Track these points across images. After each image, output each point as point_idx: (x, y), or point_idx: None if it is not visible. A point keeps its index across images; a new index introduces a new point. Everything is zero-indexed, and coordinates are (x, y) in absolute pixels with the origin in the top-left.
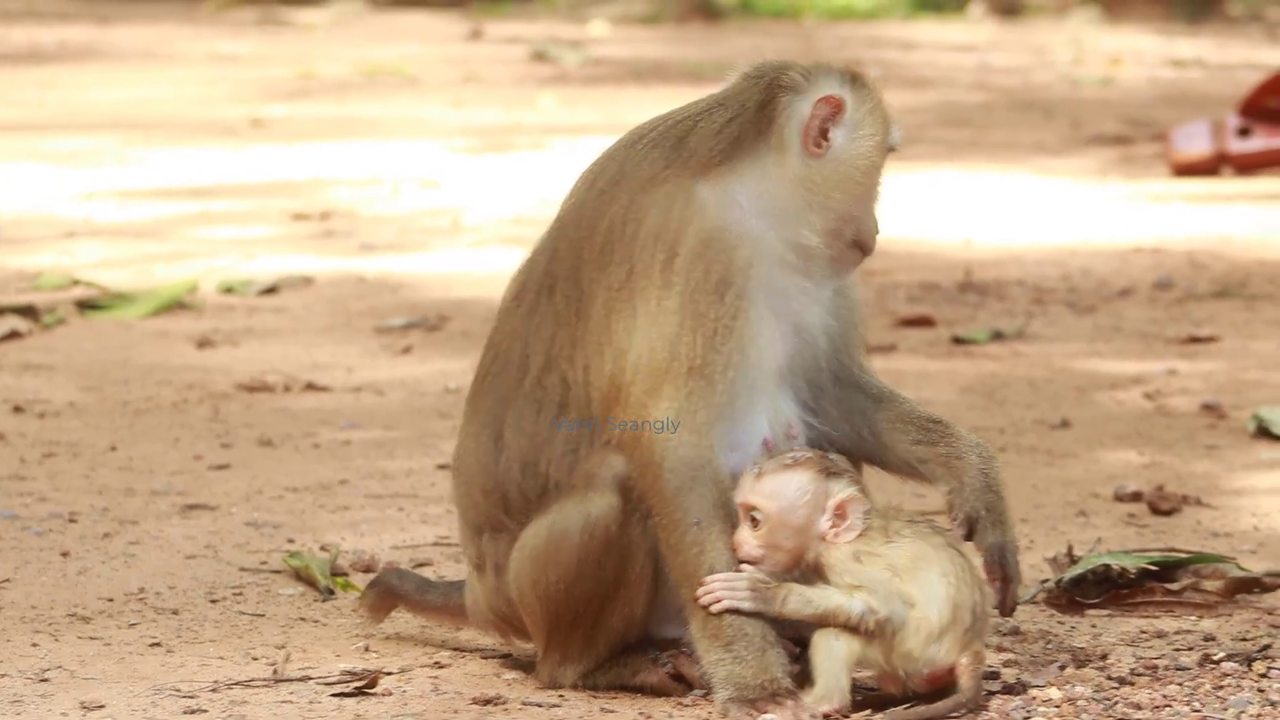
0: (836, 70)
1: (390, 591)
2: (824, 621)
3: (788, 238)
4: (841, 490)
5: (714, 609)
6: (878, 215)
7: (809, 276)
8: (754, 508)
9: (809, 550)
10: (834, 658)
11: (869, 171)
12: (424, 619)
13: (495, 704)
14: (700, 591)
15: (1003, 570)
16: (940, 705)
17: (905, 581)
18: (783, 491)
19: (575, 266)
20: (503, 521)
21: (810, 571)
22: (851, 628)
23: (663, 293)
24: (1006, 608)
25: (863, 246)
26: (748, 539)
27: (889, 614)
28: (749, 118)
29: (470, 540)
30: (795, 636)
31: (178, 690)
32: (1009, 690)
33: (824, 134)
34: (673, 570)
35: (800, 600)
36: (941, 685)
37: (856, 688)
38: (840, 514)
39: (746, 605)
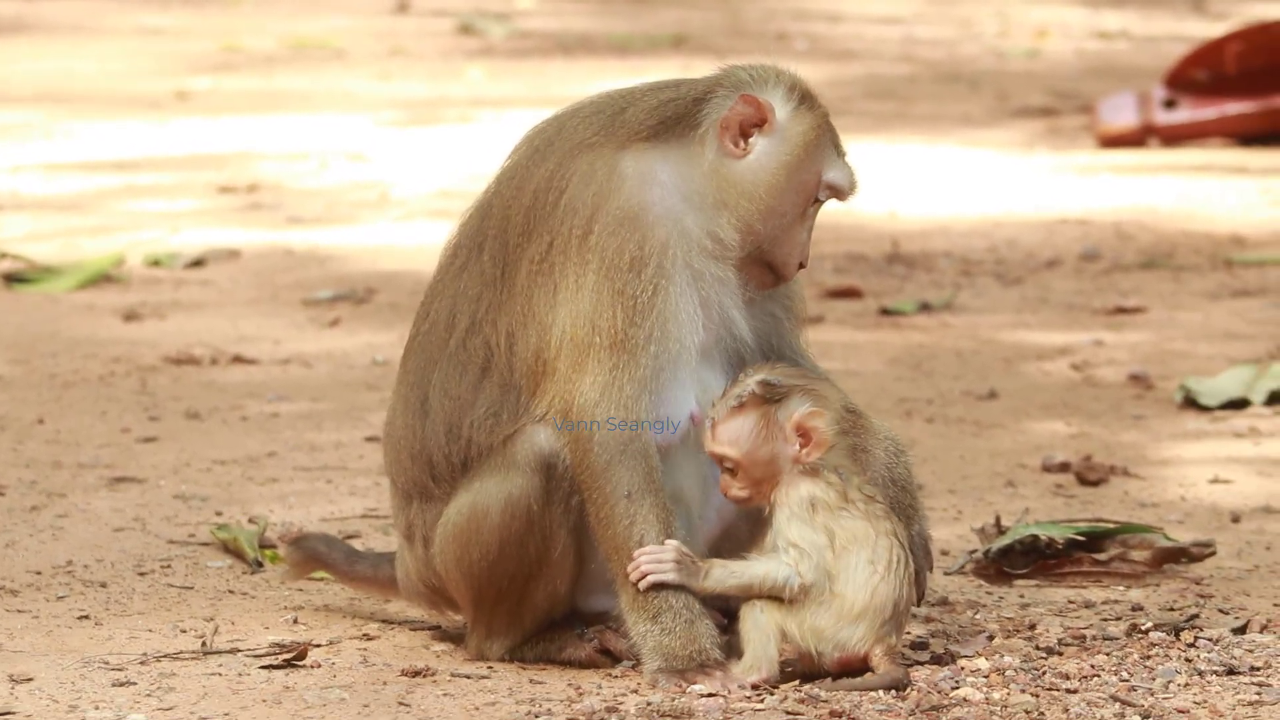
0: (785, 81)
1: (315, 556)
2: (748, 592)
3: (705, 225)
4: (795, 410)
5: (641, 585)
6: (800, 244)
7: (726, 266)
8: (722, 456)
9: (786, 472)
10: (760, 628)
11: (774, 190)
12: (352, 589)
13: (425, 675)
14: (629, 567)
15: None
16: (871, 678)
17: (835, 556)
18: (738, 436)
19: (503, 228)
20: (430, 488)
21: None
22: (775, 595)
23: (580, 269)
24: (918, 596)
25: (775, 270)
26: (730, 484)
27: (814, 581)
28: (686, 102)
29: (400, 509)
30: (724, 608)
31: (106, 663)
32: (937, 660)
33: (744, 135)
34: (602, 544)
35: (724, 572)
36: (852, 671)
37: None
38: (803, 434)
39: (671, 578)
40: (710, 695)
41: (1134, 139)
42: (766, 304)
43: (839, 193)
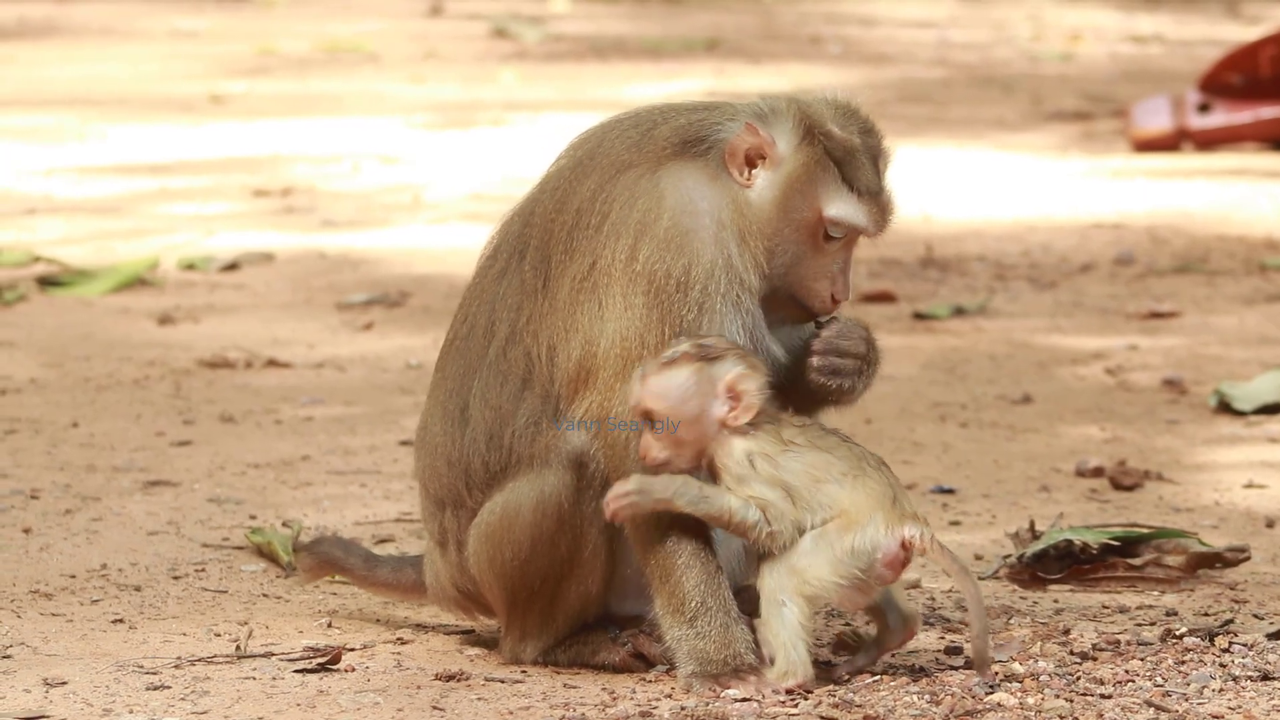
0: (796, 113)
1: (330, 561)
2: (715, 520)
3: (738, 252)
4: (727, 371)
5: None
6: (825, 277)
7: (754, 297)
8: (648, 410)
9: (711, 440)
10: (789, 627)
11: (769, 225)
12: (373, 594)
13: (458, 680)
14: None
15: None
16: (887, 643)
17: (803, 503)
18: (668, 389)
19: (545, 240)
20: (463, 497)
21: (707, 471)
22: (742, 533)
23: (628, 290)
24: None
25: (802, 305)
26: (651, 443)
27: (780, 530)
28: (708, 125)
29: (432, 515)
30: (754, 611)
31: (140, 667)
32: (971, 665)
33: (750, 165)
34: (637, 548)
35: (696, 494)
36: (904, 566)
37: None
38: (733, 395)
39: (637, 500)
40: (744, 700)
41: (1168, 143)
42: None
43: (854, 229)
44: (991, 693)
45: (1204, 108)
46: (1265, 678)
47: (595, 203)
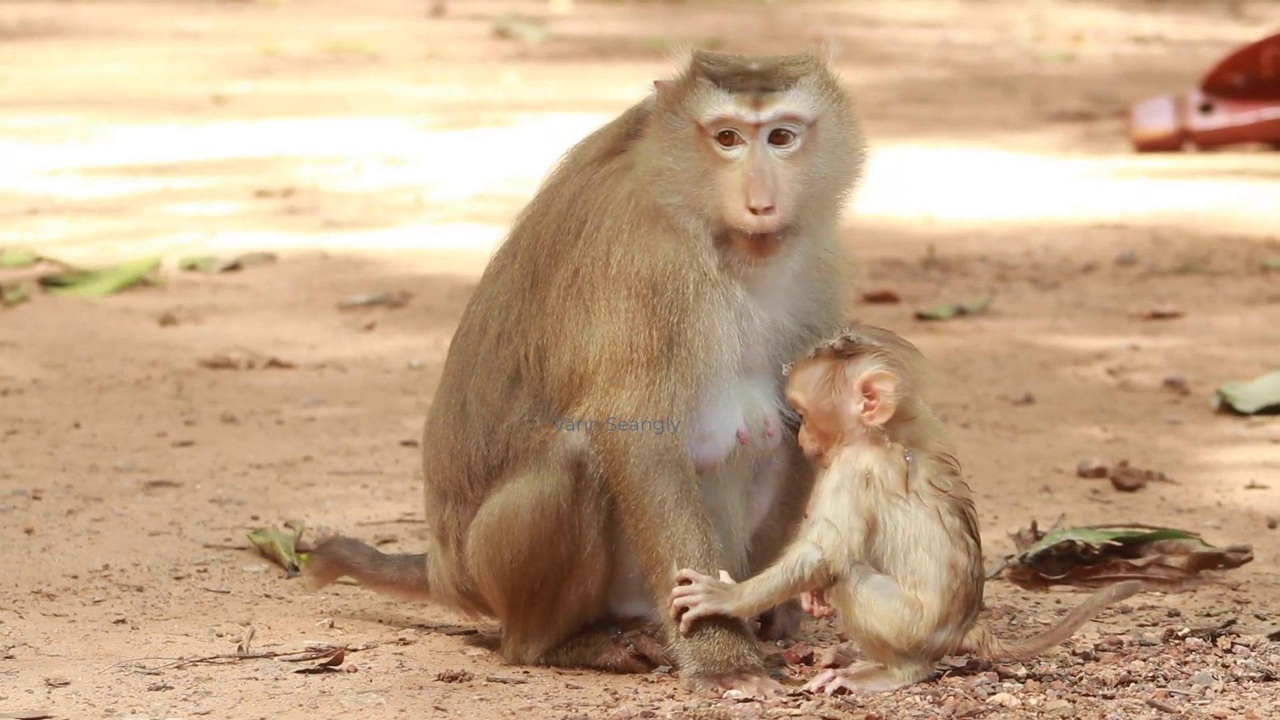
0: (689, 55)
1: (339, 562)
2: (786, 591)
3: (690, 223)
4: (863, 370)
5: (682, 620)
6: (740, 195)
7: (732, 266)
8: (793, 401)
9: (850, 436)
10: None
11: (666, 158)
12: (379, 593)
13: (461, 680)
14: (673, 601)
15: None
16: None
17: (885, 556)
18: (806, 383)
19: (533, 244)
20: (465, 491)
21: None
22: (812, 583)
23: (611, 296)
24: None
25: (737, 230)
26: (803, 434)
27: (831, 560)
28: (644, 104)
29: (435, 508)
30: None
31: (142, 667)
32: (974, 666)
33: (673, 110)
34: (641, 553)
35: (755, 586)
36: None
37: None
38: (868, 394)
39: (706, 608)
40: (746, 700)
41: (1170, 144)
42: (808, 314)
43: (724, 119)
44: (994, 694)
45: (1206, 108)
46: (1267, 678)
47: (573, 209)
